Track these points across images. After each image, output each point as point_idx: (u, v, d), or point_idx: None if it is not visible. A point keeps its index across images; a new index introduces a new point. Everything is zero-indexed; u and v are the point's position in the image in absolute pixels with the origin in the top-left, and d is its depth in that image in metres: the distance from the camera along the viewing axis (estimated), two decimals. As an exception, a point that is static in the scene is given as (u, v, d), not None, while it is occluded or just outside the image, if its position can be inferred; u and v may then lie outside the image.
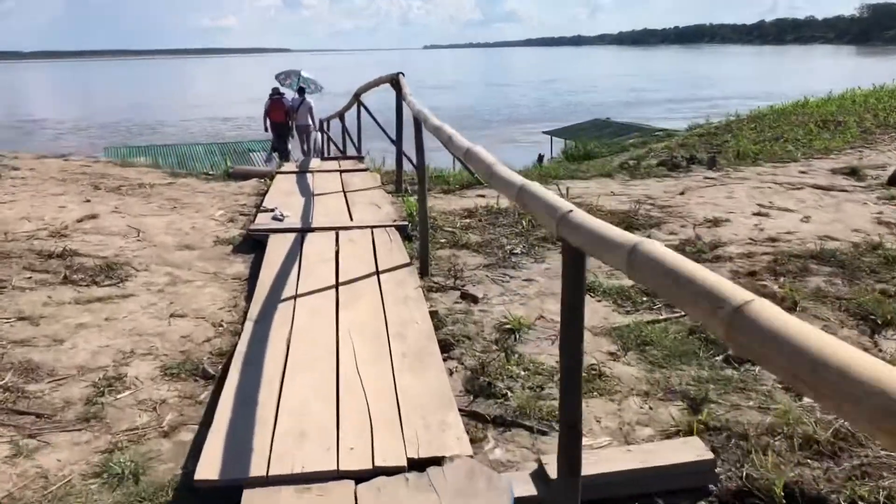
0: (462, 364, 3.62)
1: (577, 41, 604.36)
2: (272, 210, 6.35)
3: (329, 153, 14.63)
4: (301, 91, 15.76)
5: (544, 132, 34.47)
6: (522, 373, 3.50)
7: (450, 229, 5.96)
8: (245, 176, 9.00)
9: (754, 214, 6.52)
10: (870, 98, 18.96)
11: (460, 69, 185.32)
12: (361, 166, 9.25)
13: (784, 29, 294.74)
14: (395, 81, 7.39)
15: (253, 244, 5.62)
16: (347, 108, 11.44)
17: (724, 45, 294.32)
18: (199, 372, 3.60)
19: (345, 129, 12.19)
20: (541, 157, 30.26)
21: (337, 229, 5.69)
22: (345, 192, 7.28)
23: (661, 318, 4.13)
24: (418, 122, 4.96)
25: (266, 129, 16.44)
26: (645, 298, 4.40)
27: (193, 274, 5.07)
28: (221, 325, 4.22)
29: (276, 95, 16.09)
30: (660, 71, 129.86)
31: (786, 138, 12.57)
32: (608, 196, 7.23)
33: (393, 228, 5.68)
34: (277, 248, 5.27)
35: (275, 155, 16.65)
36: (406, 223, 5.87)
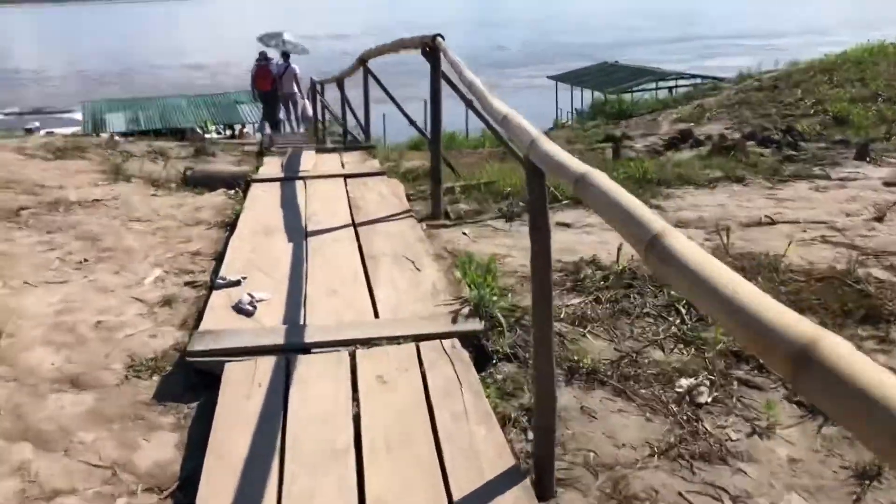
0: None
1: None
2: (235, 283, 3.74)
3: (324, 125, 11.87)
4: (285, 56, 14.28)
5: (549, 77, 31.29)
6: None
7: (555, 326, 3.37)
8: (209, 181, 6.34)
9: None
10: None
11: (446, 5, 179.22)
12: (373, 165, 6.58)
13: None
14: (428, 47, 4.72)
15: (196, 378, 3.03)
16: (348, 73, 8.68)
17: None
18: None
19: (345, 100, 9.40)
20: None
21: (353, 344, 3.08)
22: (356, 229, 4.62)
23: None
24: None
25: (254, 98, 15.27)
26: None
27: (68, 471, 2.50)
28: None
29: (262, 61, 14.33)
30: (655, 8, 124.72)
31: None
32: (765, 231, 4.60)
33: (455, 342, 3.07)
34: (239, 402, 2.70)
35: (267, 126, 15.03)
36: (478, 327, 3.22)
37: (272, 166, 6.75)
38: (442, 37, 4.69)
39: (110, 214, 5.41)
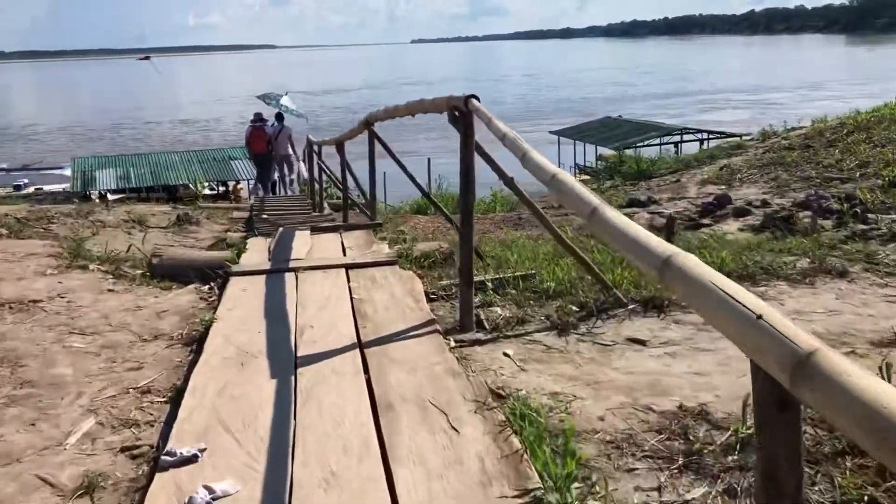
0: None
1: (566, 34, 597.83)
2: (188, 459, 2.53)
3: (321, 188, 10.77)
4: (279, 117, 13.80)
5: (551, 132, 30.61)
6: None
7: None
8: (179, 271, 5.17)
9: None
10: None
11: (443, 64, 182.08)
12: (381, 251, 5.43)
13: (774, 18, 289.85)
14: (458, 111, 3.64)
15: None
16: (350, 136, 7.60)
17: (714, 36, 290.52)
18: None
19: (345, 166, 8.29)
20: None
21: None
22: (363, 352, 3.44)
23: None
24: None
25: (250, 158, 15.10)
26: None
27: None
28: None
29: (257, 122, 13.93)
30: (647, 64, 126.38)
31: None
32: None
33: None
34: None
35: (260, 189, 14.20)
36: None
37: (257, 252, 5.60)
38: (477, 98, 3.60)
39: (47, 323, 4.22)
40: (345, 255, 5.41)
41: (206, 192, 25.20)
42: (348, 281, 4.57)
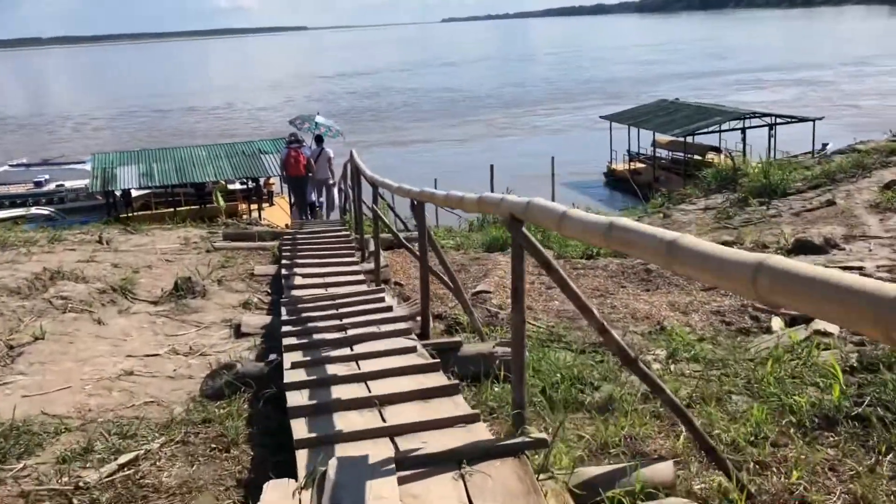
0: None
1: (599, 9, 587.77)
2: None
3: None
4: (318, 140, 13.39)
5: (602, 117, 28.95)
6: None
7: None
8: None
9: None
10: None
11: (468, 44, 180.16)
12: (416, 357, 4.20)
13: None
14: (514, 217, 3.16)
15: None
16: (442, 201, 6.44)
17: (751, 10, 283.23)
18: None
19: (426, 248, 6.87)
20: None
21: None
22: None
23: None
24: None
25: (284, 181, 14.72)
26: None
27: None
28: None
29: (293, 143, 13.13)
30: (680, 41, 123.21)
31: None
32: None
33: None
34: None
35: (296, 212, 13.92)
36: None
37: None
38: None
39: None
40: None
41: (238, 186, 24.77)
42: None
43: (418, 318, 5.04)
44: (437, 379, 3.80)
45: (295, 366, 4.02)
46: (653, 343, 4.72)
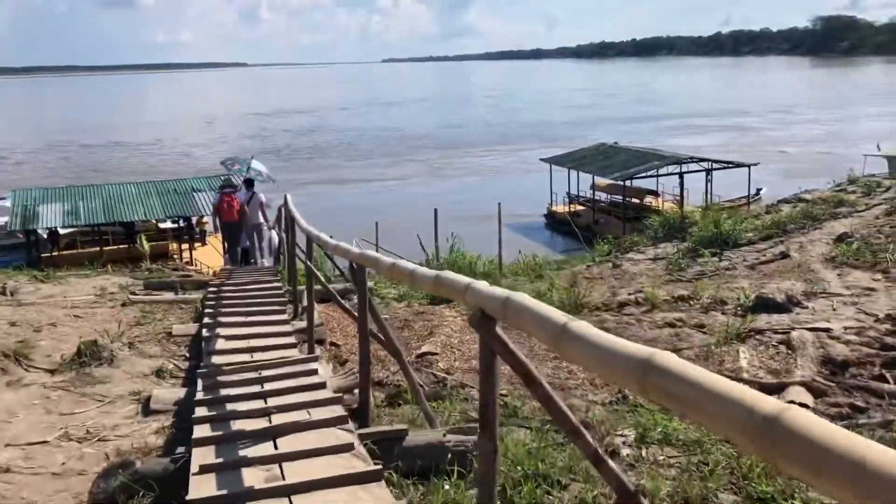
0: None
1: (537, 54, 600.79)
2: None
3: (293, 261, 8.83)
4: (249, 183, 12.58)
5: (542, 159, 29.04)
6: None
7: None
8: None
9: None
10: None
11: (408, 85, 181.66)
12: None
13: (740, 41, 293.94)
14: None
15: None
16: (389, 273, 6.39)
17: (682, 58, 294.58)
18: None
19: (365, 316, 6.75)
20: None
21: None
22: None
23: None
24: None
25: (216, 229, 13.97)
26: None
27: None
28: None
29: (227, 188, 12.63)
30: (614, 86, 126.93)
31: None
32: None
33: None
34: None
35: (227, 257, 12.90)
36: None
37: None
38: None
39: None
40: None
41: (169, 224, 23.69)
42: None
43: (355, 391, 4.44)
44: (379, 493, 3.14)
45: (204, 470, 3.28)
46: (618, 420, 4.24)
